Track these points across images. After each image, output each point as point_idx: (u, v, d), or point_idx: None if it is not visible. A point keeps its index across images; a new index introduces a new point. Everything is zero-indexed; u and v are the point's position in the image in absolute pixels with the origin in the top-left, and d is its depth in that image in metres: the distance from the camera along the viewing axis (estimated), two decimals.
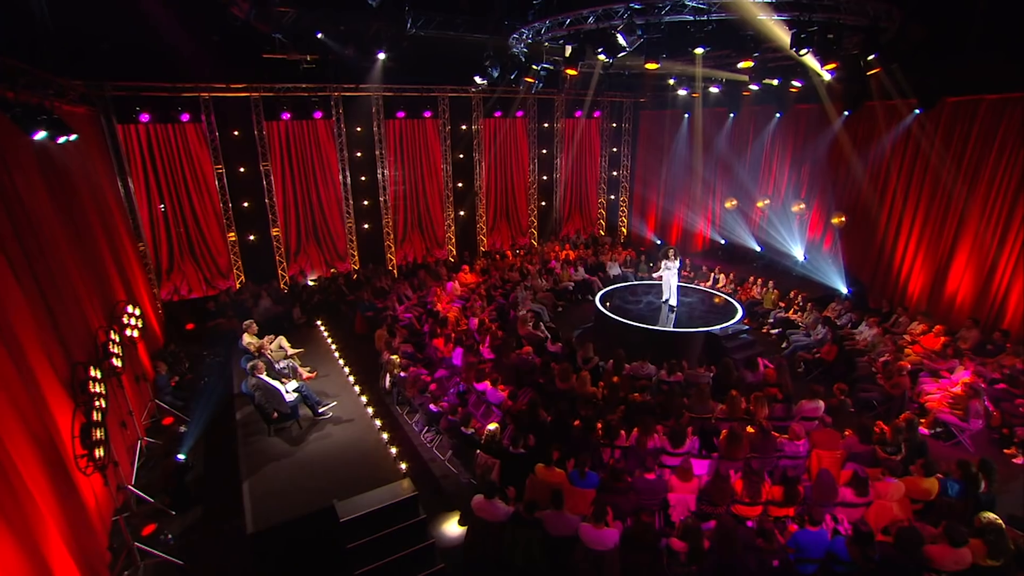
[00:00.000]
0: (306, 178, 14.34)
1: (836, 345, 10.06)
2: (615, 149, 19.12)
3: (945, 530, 4.84)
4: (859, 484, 5.74)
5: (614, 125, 18.85)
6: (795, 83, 10.73)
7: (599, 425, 7.44)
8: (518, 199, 17.82)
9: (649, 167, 18.25)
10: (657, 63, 7.85)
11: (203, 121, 12.37)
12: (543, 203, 18.32)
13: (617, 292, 13.12)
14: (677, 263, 11.63)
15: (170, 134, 12.15)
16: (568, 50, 8.41)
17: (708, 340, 10.63)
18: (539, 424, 7.63)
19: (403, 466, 6.53)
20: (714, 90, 12.30)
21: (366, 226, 15.48)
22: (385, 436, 7.15)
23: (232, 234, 13.50)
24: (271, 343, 8.63)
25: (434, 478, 7.68)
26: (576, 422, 7.54)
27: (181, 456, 6.66)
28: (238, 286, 13.57)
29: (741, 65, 8.76)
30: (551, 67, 13.05)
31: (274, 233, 14.09)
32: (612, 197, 19.59)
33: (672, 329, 10.95)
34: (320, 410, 7.60)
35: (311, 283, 14.37)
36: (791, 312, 12.10)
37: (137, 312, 7.99)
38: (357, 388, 8.47)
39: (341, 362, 9.44)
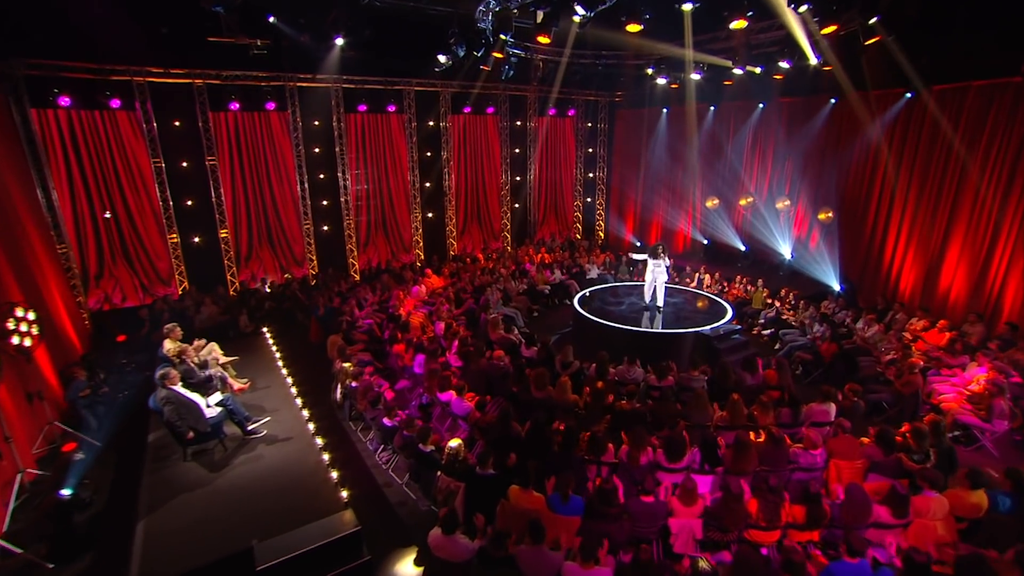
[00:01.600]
0: (258, 175, 13.13)
1: (835, 343, 9.21)
2: (591, 150, 18.32)
3: (1018, 557, 3.88)
4: (897, 501, 4.77)
5: (589, 125, 18.07)
6: (783, 63, 10.01)
7: (583, 438, 6.39)
8: (490, 201, 16.82)
9: (627, 167, 17.48)
10: (640, 24, 6.98)
11: (137, 109, 11.10)
12: (516, 205, 17.36)
13: (597, 294, 12.15)
14: (664, 261, 10.72)
15: (97, 122, 10.85)
16: (539, 16, 7.48)
17: (698, 341, 9.70)
18: (512, 439, 6.54)
19: (344, 494, 5.34)
20: (695, 77, 11.53)
21: (325, 228, 14.28)
22: (326, 457, 5.95)
23: (174, 236, 12.17)
24: (199, 350, 7.38)
25: (389, 506, 6.51)
26: (556, 435, 6.49)
27: (67, 491, 5.36)
28: (180, 293, 12.21)
29: (734, 25, 7.95)
30: (521, 52, 12.23)
31: (222, 235, 12.80)
32: (589, 199, 18.75)
33: (659, 330, 9.99)
34: (250, 427, 6.38)
35: (267, 289, 13.07)
36: (783, 310, 11.27)
37: (31, 316, 6.68)
38: (299, 401, 7.26)
39: (284, 372, 8.21)
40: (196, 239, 12.59)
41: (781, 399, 7.44)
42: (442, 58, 9.77)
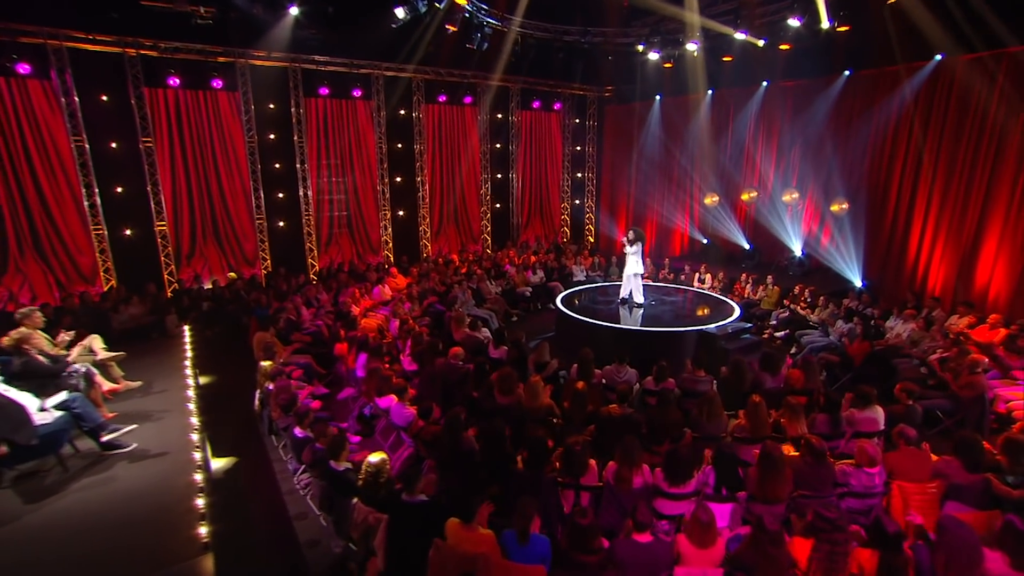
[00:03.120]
0: (204, 162, 11.60)
1: (867, 342, 7.67)
2: (579, 148, 16.98)
3: None
4: (1018, 543, 3.16)
5: (577, 121, 16.76)
6: (793, 20, 8.72)
7: (556, 455, 4.80)
8: (468, 200, 15.36)
9: (618, 166, 16.11)
10: None
11: (53, 78, 9.64)
12: (497, 205, 15.91)
13: (583, 293, 10.65)
14: (637, 247, 9.26)
15: (3, 90, 9.36)
16: None
17: (703, 342, 8.14)
18: (463, 454, 4.92)
19: (204, 531, 3.69)
20: (692, 47, 10.23)
21: (281, 224, 12.73)
22: (199, 478, 4.30)
23: (99, 227, 10.58)
24: (66, 343, 5.76)
25: (295, 547, 4.84)
26: (521, 449, 4.91)
27: None
28: (105, 292, 10.58)
29: None
30: (497, 23, 10.95)
31: (159, 228, 11.23)
32: (577, 202, 17.35)
33: (657, 329, 8.44)
34: (105, 438, 4.71)
35: (207, 288, 11.47)
36: (798, 309, 9.75)
37: None
38: (193, 406, 5.62)
39: (188, 372, 6.58)
40: (128, 232, 11.01)
41: (811, 404, 5.89)
42: (400, 12, 8.44)
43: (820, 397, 5.81)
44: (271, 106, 12.16)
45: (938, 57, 8.94)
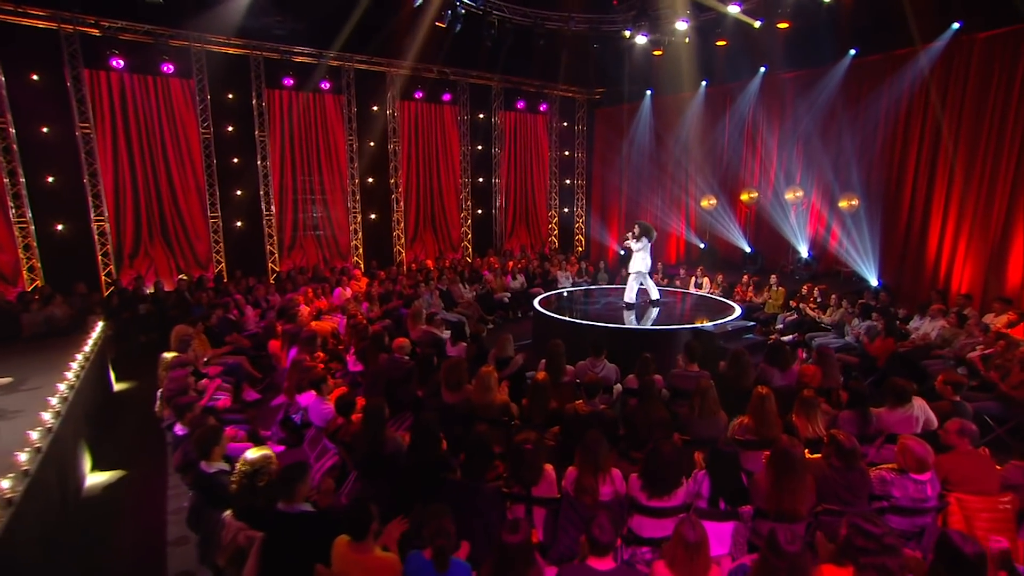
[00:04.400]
0: (152, 153, 10.61)
1: (891, 338, 6.56)
2: (567, 153, 16.12)
3: None
4: None
5: (564, 124, 15.93)
6: None
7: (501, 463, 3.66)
8: (447, 204, 14.38)
9: (609, 171, 15.17)
10: None
11: None
12: (479, 211, 14.93)
13: (567, 296, 9.59)
14: (644, 242, 8.27)
15: None
16: None
17: (699, 342, 7.00)
18: (385, 458, 3.77)
19: None
20: (681, 27, 9.40)
21: (239, 224, 11.69)
22: (5, 486, 3.14)
23: (23, 220, 9.52)
24: None
25: None
26: (459, 451, 3.78)
27: None
28: (29, 291, 9.45)
29: None
30: (473, 4, 10.16)
31: (97, 224, 10.18)
32: (566, 210, 16.38)
33: (646, 327, 7.34)
34: None
35: (149, 292, 10.35)
36: (808, 310, 8.65)
37: None
38: (55, 399, 4.48)
39: (74, 368, 5.43)
40: (59, 227, 9.95)
41: (830, 405, 4.75)
42: None
43: (841, 394, 4.69)
44: (229, 96, 11.28)
45: (955, 26, 8.05)
